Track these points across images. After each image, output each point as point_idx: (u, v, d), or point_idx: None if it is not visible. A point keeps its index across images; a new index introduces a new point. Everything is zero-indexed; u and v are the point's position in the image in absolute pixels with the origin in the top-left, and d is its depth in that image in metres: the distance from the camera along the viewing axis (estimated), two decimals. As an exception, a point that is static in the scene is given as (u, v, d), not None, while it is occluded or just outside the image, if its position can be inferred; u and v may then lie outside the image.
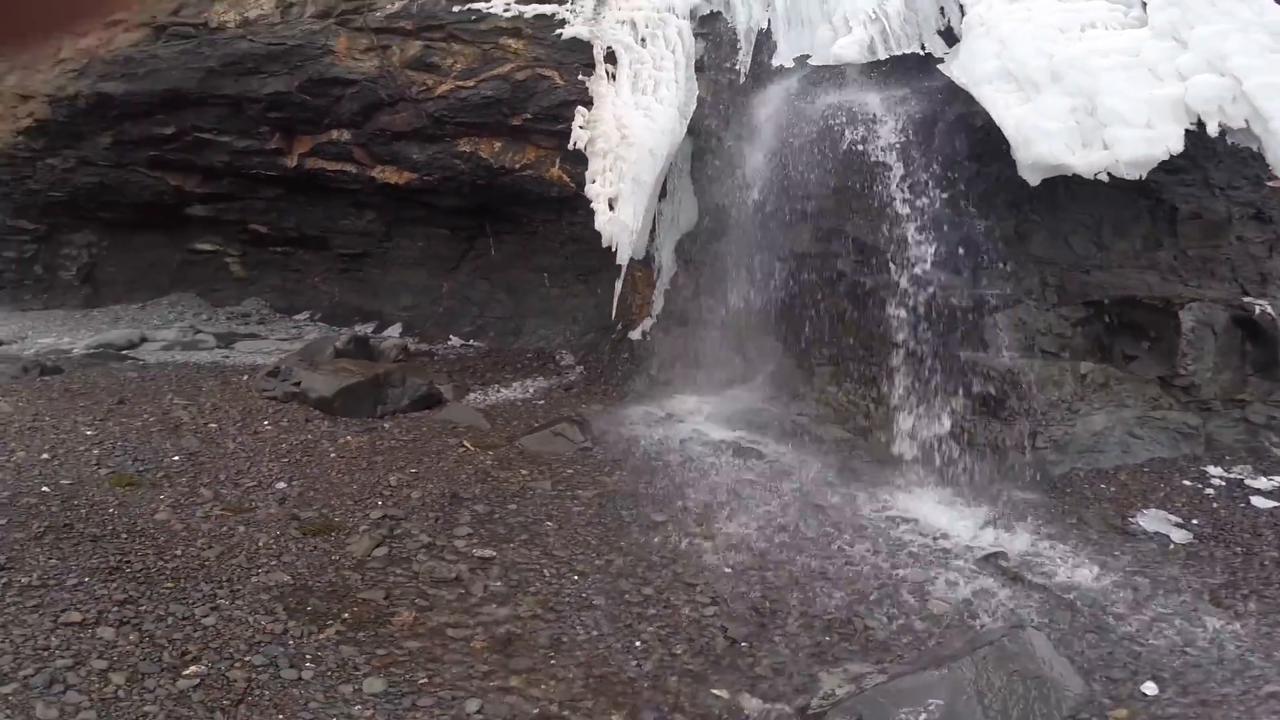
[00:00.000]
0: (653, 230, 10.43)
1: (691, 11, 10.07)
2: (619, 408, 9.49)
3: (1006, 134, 6.88)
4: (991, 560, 5.39)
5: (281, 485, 6.32)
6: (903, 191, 7.55)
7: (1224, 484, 6.98)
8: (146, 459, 6.68)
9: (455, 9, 10.01)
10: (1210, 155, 8.22)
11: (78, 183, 11.60)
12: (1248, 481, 7.02)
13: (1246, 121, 6.31)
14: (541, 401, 9.75)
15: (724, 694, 3.91)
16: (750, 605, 4.63)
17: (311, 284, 14.15)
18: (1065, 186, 8.15)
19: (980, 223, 7.72)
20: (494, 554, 5.00)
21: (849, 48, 8.02)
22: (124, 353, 11.03)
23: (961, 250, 7.60)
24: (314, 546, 5.19)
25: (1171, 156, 6.65)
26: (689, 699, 3.86)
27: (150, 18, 10.17)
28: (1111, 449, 7.40)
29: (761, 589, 4.85)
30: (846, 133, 7.86)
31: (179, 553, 4.99)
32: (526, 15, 9.92)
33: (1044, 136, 6.55)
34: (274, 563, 4.94)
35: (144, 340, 11.56)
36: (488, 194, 11.45)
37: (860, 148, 7.79)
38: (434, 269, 13.42)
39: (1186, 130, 6.49)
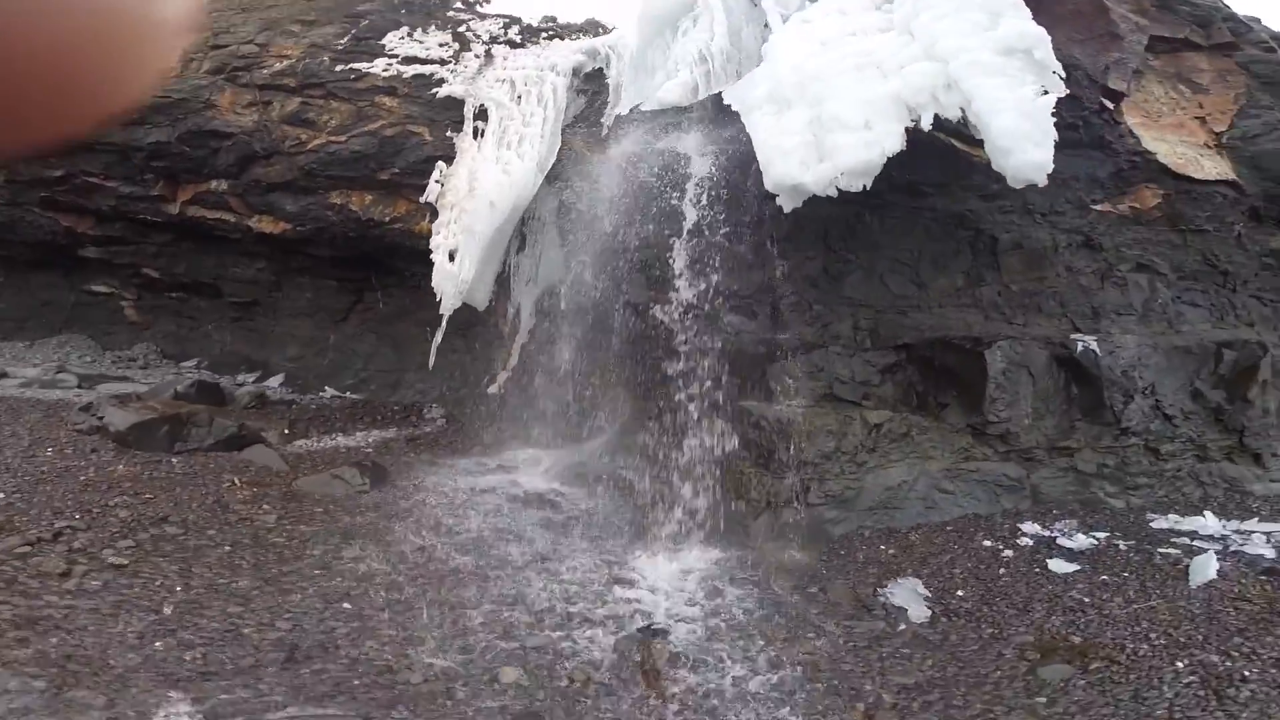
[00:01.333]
0: (509, 283, 10.59)
1: (575, 69, 10.46)
2: (454, 458, 9.36)
3: (759, 158, 6.42)
4: (641, 639, 4.56)
5: (1, 495, 6.14)
6: (697, 236, 7.60)
7: (1031, 544, 6.50)
8: None
9: (338, 68, 10.55)
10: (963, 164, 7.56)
11: (-30, 219, 11.88)
12: (1061, 540, 6.56)
13: (963, 110, 5.74)
14: (370, 450, 9.59)
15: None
16: (316, 640, 4.27)
17: (204, 331, 14.19)
18: (878, 220, 7.94)
19: (781, 264, 7.56)
20: (126, 563, 4.76)
21: (672, 90, 8.21)
22: (-23, 387, 10.93)
23: (758, 294, 7.57)
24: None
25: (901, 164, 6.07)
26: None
27: None
28: (911, 505, 6.97)
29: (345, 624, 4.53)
30: (654, 180, 8.00)
31: None
32: (405, 75, 10.43)
33: (782, 155, 6.03)
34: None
35: (3, 375, 11.49)
36: (363, 245, 11.66)
37: (667, 194, 7.92)
38: (321, 320, 13.48)
39: (908, 129, 5.91)
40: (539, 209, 10.13)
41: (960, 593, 5.49)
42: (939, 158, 7.35)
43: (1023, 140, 5.22)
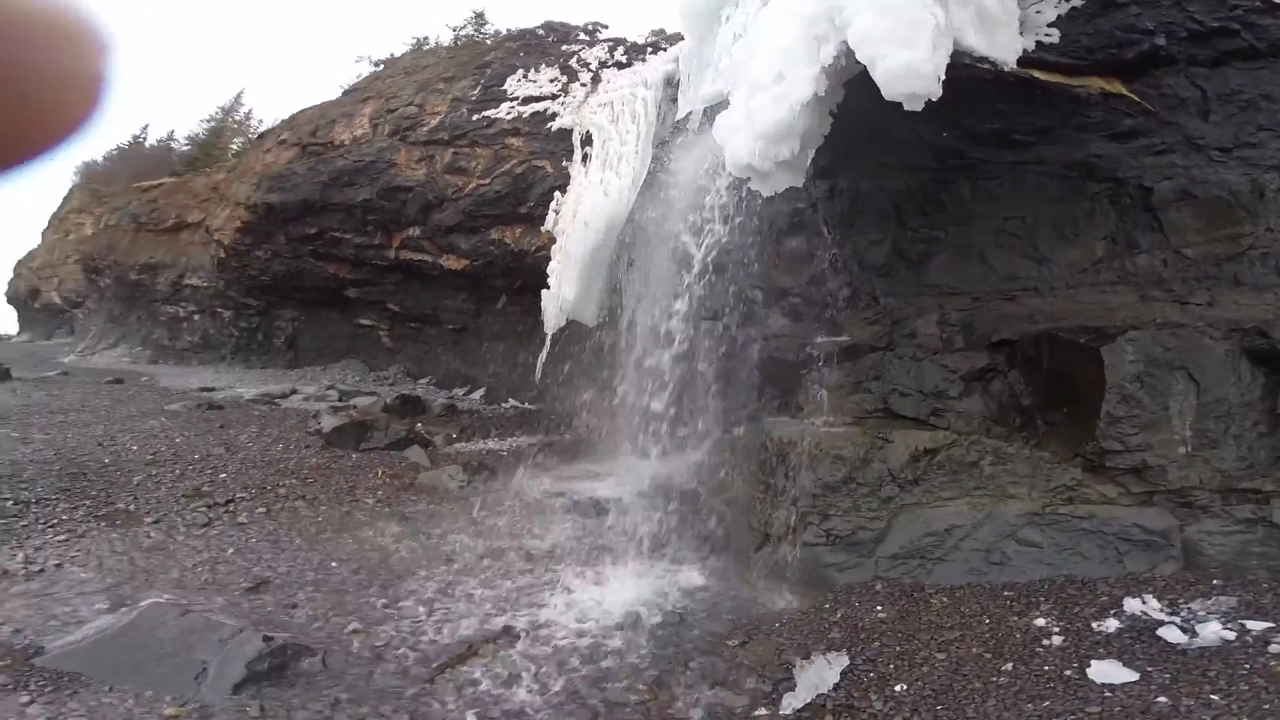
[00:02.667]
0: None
1: (667, 78, 10.45)
2: (562, 464, 10.06)
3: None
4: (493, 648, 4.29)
5: (223, 476, 8.40)
6: (739, 231, 7.00)
7: (1114, 630, 4.53)
8: (184, 452, 9.37)
9: (474, 118, 12.00)
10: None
11: (275, 270, 16.02)
12: (1170, 627, 4.47)
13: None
14: (504, 453, 10.69)
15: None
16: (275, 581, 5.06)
17: (435, 354, 17.05)
18: (969, 185, 6.35)
19: (833, 252, 6.51)
20: (246, 522, 6.57)
21: (708, 89, 7.72)
22: (275, 399, 14.68)
23: (808, 290, 6.69)
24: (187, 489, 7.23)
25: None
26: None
27: (299, 138, 13.99)
28: (963, 557, 5.31)
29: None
30: (698, 180, 7.62)
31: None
32: (524, 114, 11.47)
33: (732, 133, 5.02)
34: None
35: (294, 392, 15.22)
36: (523, 275, 13.00)
37: (709, 190, 7.50)
38: (512, 342, 15.26)
39: (825, 68, 4.49)
40: (641, 222, 10.25)
41: (899, 688, 3.93)
42: (1022, 98, 5.78)
43: (884, 43, 3.87)
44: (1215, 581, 5.06)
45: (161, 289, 18.75)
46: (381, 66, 17.84)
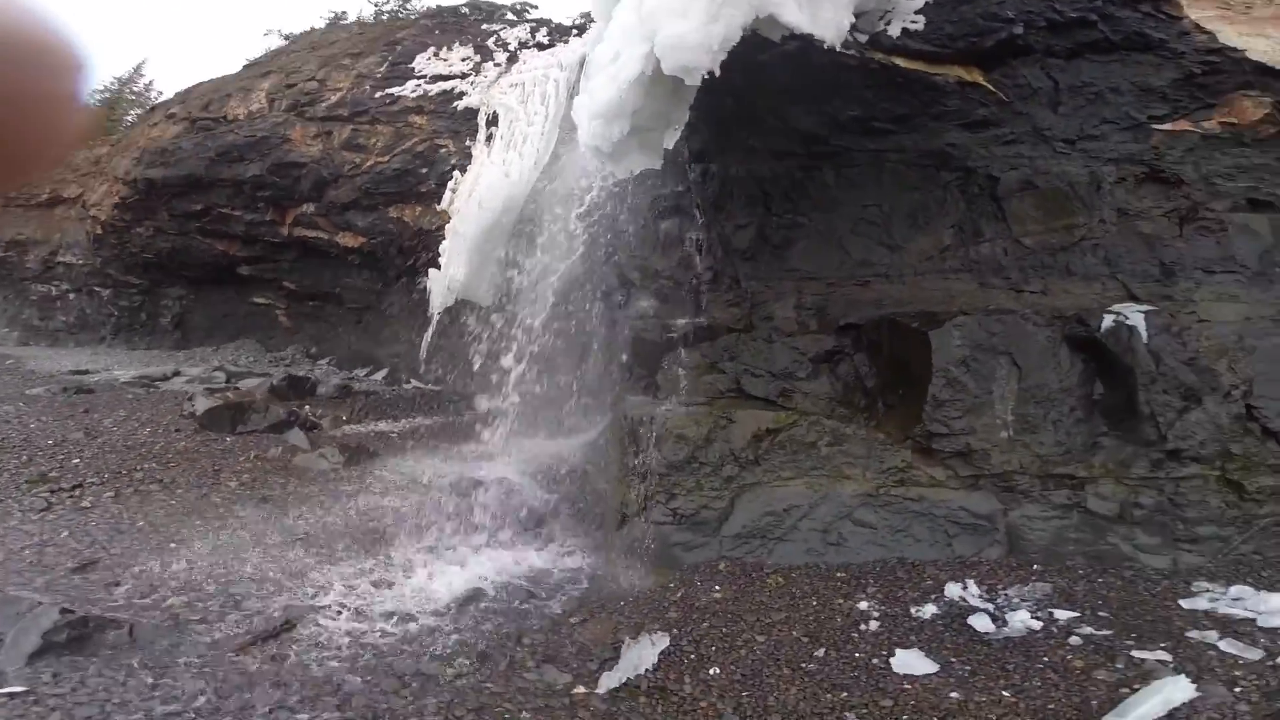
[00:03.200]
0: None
1: (582, 60, 10.33)
2: (451, 446, 9.92)
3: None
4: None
5: (76, 461, 7.91)
6: (622, 214, 7.09)
7: (930, 615, 4.61)
8: (37, 437, 8.75)
9: (377, 95, 11.63)
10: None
11: (158, 247, 15.09)
12: (983, 614, 4.58)
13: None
14: (395, 435, 10.48)
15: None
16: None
17: (336, 334, 16.47)
18: (834, 172, 6.54)
19: (701, 235, 6.59)
20: (90, 505, 6.30)
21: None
22: (155, 383, 13.85)
23: (678, 272, 6.81)
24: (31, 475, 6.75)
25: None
26: None
27: (189, 112, 13.21)
28: (802, 538, 5.39)
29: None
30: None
31: None
32: (431, 93, 11.20)
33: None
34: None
35: (176, 374, 14.41)
36: (424, 254, 12.70)
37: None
38: (414, 323, 14.92)
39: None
40: (546, 204, 10.18)
41: (713, 671, 3.96)
42: (885, 84, 6.02)
43: (662, 14, 3.89)
44: (1035, 567, 5.31)
45: (31, 266, 17.35)
46: (288, 41, 17.06)
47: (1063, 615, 4.55)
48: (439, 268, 9.77)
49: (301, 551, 5.42)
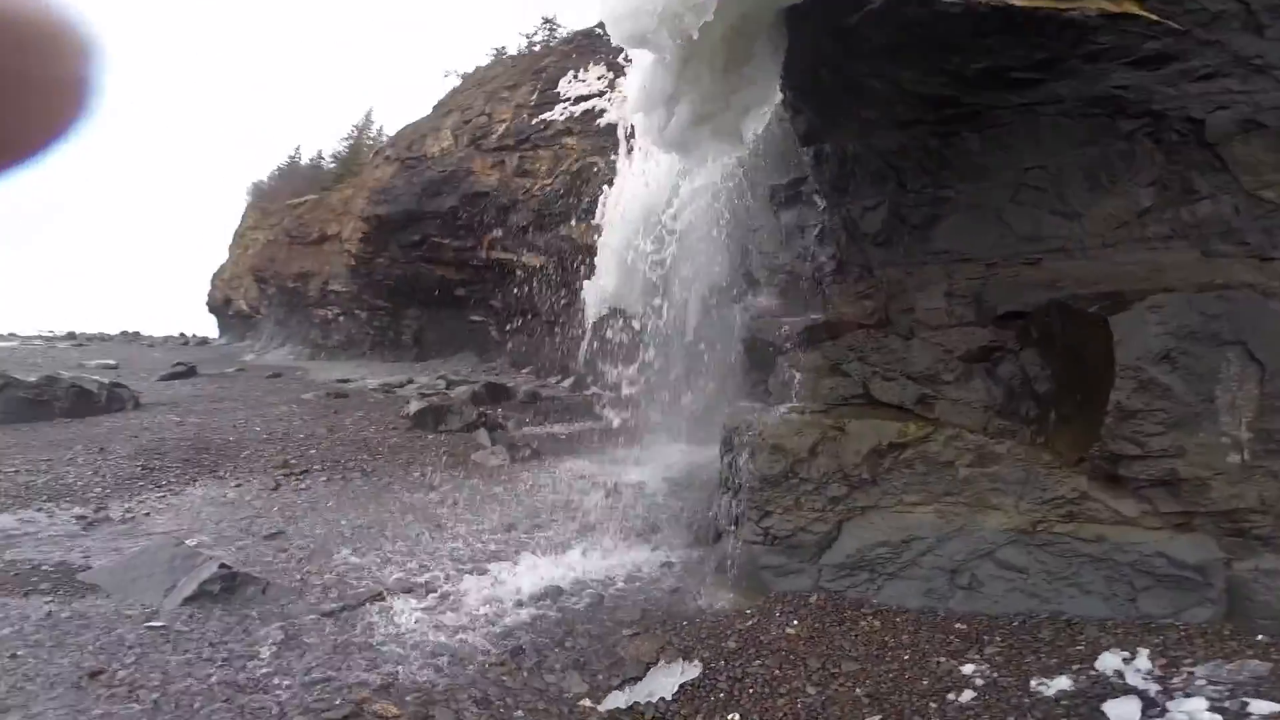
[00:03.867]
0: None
1: None
2: (621, 448, 10.60)
3: None
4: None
5: (313, 451, 9.87)
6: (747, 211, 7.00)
7: (1053, 694, 3.49)
8: (295, 432, 11.01)
9: (533, 121, 12.81)
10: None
11: (394, 274, 18.00)
12: (1117, 705, 3.38)
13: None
14: (564, 437, 11.43)
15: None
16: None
17: (536, 345, 18.25)
18: (977, 136, 5.58)
19: (821, 220, 6.01)
20: (305, 487, 7.75)
21: None
22: (393, 389, 16.55)
23: (796, 265, 6.48)
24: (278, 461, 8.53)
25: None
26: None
27: (398, 154, 15.65)
28: (923, 576, 4.62)
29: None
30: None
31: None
32: (576, 113, 12.09)
33: None
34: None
35: (410, 382, 17.05)
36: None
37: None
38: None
39: None
40: (683, 210, 10.45)
41: (731, 717, 3.54)
42: (1006, 30, 5.21)
43: None
44: (1259, 638, 3.94)
45: (312, 295, 21.70)
46: (460, 81, 19.43)
47: (1261, 709, 3.27)
48: (592, 279, 10.47)
49: (433, 536, 6.23)
